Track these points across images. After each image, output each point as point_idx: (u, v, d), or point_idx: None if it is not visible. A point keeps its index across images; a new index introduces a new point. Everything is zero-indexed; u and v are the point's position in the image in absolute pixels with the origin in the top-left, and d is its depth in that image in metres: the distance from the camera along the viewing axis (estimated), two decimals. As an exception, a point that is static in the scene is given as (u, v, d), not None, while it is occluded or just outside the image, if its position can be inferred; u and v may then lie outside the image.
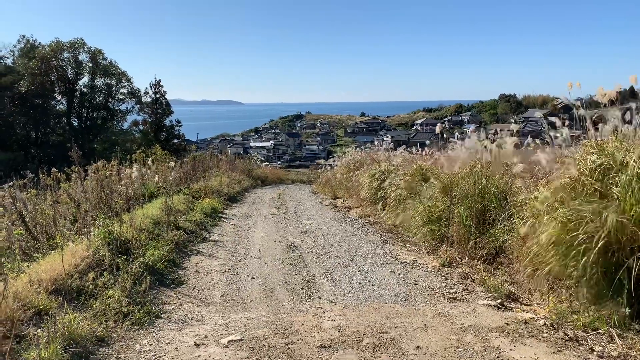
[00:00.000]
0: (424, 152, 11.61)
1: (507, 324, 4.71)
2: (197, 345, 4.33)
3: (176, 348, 4.31)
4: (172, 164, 10.72)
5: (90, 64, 38.99)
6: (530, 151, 7.07)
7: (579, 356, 3.98)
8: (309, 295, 5.77)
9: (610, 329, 4.17)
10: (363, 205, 11.91)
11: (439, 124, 8.51)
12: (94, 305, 4.77)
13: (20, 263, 5.25)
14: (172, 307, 5.28)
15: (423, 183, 8.54)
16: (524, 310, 4.98)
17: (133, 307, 4.93)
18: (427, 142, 12.25)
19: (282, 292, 5.93)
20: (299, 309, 5.34)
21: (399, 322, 4.78)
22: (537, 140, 7.62)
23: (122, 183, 9.58)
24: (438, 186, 7.77)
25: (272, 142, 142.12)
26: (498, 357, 4.06)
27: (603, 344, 4.09)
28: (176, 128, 36.67)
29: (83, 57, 38.77)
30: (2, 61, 36.67)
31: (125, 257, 5.96)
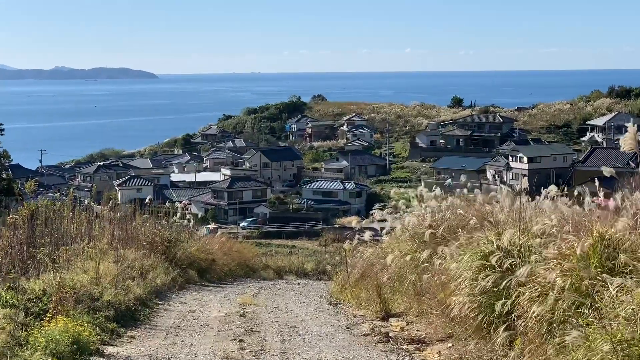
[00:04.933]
0: (609, 201, 11.60)
1: None
2: None
3: None
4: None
5: None
6: None
7: None
8: None
9: None
10: (457, 336, 11.87)
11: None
12: None
13: None
14: None
15: (609, 278, 8.48)
16: None
17: None
18: (612, 170, 12.29)
19: None
20: None
21: None
22: None
23: None
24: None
25: (228, 174, 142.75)
26: None
27: None
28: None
29: None
30: None
31: None
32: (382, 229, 19.36)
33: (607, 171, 11.19)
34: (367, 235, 20.27)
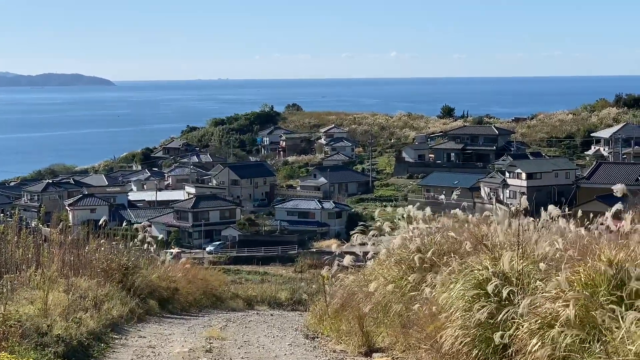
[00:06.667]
0: (621, 223, 11.63)
1: None
2: None
3: None
4: None
5: None
6: None
7: None
8: None
9: None
10: (449, 373, 11.81)
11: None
12: None
13: None
14: None
15: (619, 310, 8.50)
16: None
17: None
18: (624, 187, 12.39)
19: None
20: None
21: None
22: None
23: None
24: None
25: (192, 192, 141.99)
26: None
27: None
28: None
29: None
30: None
31: None
32: (365, 253, 19.36)
33: (618, 189, 11.23)
34: (347, 260, 20.25)
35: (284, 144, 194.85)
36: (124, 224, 31.67)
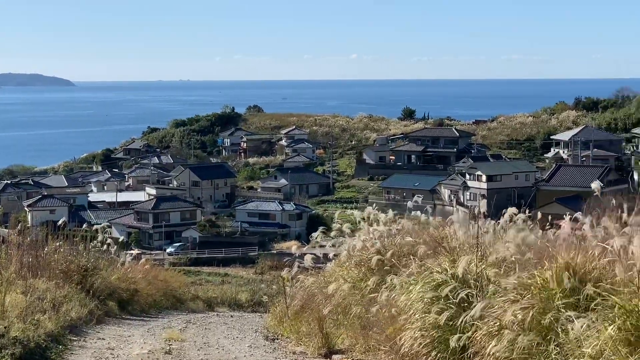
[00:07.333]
0: (585, 225, 11.67)
1: None
2: None
3: None
4: None
5: None
6: None
7: None
8: None
9: None
10: (408, 375, 11.84)
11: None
12: None
13: None
14: None
15: (574, 314, 8.54)
16: None
17: None
18: (600, 185, 12.46)
19: None
20: None
21: None
22: None
23: None
24: (618, 324, 7.78)
25: (153, 193, 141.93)
26: None
27: None
28: None
29: None
30: None
31: None
32: (325, 255, 19.37)
33: (595, 186, 11.27)
34: (308, 261, 20.25)
35: (245, 145, 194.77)
36: (84, 225, 31.46)
